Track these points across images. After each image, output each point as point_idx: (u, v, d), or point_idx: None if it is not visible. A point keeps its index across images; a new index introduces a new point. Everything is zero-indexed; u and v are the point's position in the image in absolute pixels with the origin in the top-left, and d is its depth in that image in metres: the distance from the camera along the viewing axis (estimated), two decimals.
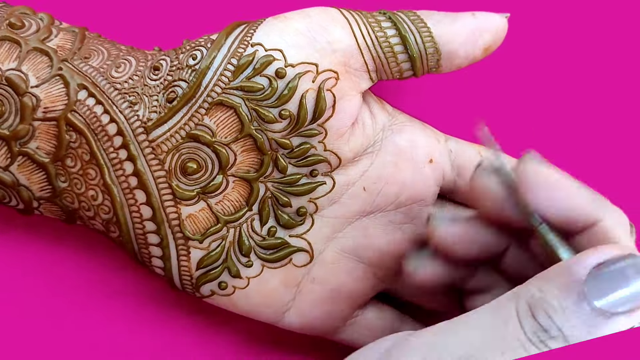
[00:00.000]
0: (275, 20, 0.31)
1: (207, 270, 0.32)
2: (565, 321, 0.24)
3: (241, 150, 0.31)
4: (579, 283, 0.24)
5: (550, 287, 0.25)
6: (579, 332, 0.24)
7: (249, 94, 0.31)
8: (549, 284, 0.25)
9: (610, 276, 0.24)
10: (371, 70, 0.32)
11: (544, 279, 0.25)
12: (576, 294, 0.24)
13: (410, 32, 0.32)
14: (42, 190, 0.32)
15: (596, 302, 0.24)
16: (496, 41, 0.33)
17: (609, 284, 0.24)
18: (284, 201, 0.32)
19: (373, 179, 0.33)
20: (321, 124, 0.31)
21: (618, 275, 0.24)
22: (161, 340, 0.36)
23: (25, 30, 0.31)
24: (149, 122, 0.31)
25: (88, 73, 0.31)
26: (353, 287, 0.34)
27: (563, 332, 0.24)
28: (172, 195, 0.31)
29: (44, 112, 0.31)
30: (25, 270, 0.35)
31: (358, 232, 0.34)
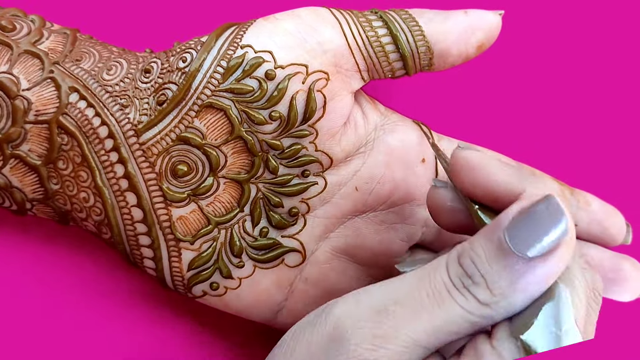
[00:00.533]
0: (265, 21, 0.31)
1: (199, 271, 0.32)
2: (487, 267, 0.25)
3: (232, 152, 0.31)
4: (499, 230, 0.25)
5: (477, 238, 0.25)
6: (501, 278, 0.24)
7: (238, 96, 0.31)
8: (477, 236, 0.26)
9: (527, 222, 0.25)
10: (362, 70, 0.32)
11: (477, 234, 0.26)
12: (497, 240, 0.25)
13: (401, 31, 0.32)
14: (34, 192, 0.32)
15: (515, 247, 0.24)
16: (489, 39, 0.33)
17: (526, 230, 0.25)
18: (276, 202, 0.32)
19: (365, 178, 0.33)
20: (312, 125, 0.31)
21: (534, 220, 0.25)
22: (154, 339, 0.36)
23: (16, 33, 0.32)
24: (139, 124, 0.31)
25: (79, 76, 0.31)
26: (346, 286, 0.34)
27: (485, 278, 0.25)
28: (162, 198, 0.31)
29: (36, 115, 0.31)
30: (18, 270, 0.36)
31: (350, 232, 0.34)
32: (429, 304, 0.25)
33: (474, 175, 0.28)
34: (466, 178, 0.28)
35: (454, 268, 0.25)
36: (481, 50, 0.33)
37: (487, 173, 0.27)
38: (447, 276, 0.25)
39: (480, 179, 0.28)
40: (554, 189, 0.34)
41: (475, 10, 0.32)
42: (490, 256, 0.25)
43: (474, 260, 0.25)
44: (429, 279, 0.25)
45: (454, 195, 0.29)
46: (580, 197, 0.35)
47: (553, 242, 0.25)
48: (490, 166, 0.28)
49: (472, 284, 0.25)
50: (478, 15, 0.32)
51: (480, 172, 0.28)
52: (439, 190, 0.30)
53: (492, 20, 0.32)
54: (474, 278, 0.25)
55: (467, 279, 0.25)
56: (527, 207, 0.25)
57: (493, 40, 0.33)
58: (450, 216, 0.30)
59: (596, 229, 0.34)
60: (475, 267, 0.25)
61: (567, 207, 0.25)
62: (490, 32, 0.32)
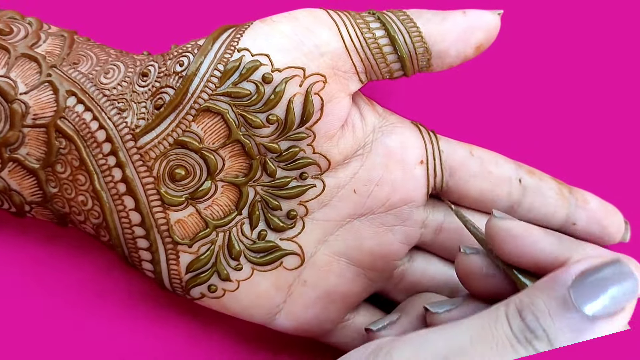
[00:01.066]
0: (262, 23, 0.31)
1: (197, 273, 0.32)
2: (550, 323, 0.25)
3: (229, 155, 0.31)
4: (564, 288, 0.25)
5: (538, 292, 0.26)
6: (563, 334, 0.25)
7: (236, 100, 0.30)
8: (537, 290, 0.26)
9: (594, 282, 0.25)
10: (360, 72, 0.32)
11: (533, 288, 0.26)
12: (561, 297, 0.25)
13: (399, 33, 0.31)
14: (33, 195, 0.32)
15: (580, 306, 0.25)
16: (488, 39, 0.32)
17: (592, 289, 0.25)
18: (274, 204, 0.32)
19: (363, 181, 0.33)
20: (309, 127, 0.31)
21: (601, 281, 0.25)
22: (154, 339, 0.36)
23: (13, 37, 0.31)
24: (137, 128, 0.31)
25: (77, 79, 0.31)
26: (345, 289, 0.34)
27: (547, 333, 0.25)
28: (160, 201, 0.31)
29: (34, 118, 0.31)
30: (17, 271, 0.36)
31: (349, 235, 0.34)
32: (491, 356, 0.25)
33: (517, 244, 0.28)
34: (509, 247, 0.28)
35: (516, 322, 0.25)
36: (480, 51, 0.33)
37: (532, 242, 0.28)
38: (510, 330, 0.25)
39: (524, 248, 0.28)
40: (553, 188, 0.34)
41: (474, 11, 0.32)
42: (553, 312, 0.25)
43: (536, 315, 0.25)
44: (491, 331, 0.25)
45: (487, 261, 0.30)
46: (579, 195, 0.35)
47: (620, 303, 0.25)
48: (535, 235, 0.28)
49: (534, 338, 0.25)
50: (477, 16, 0.32)
51: (524, 241, 0.28)
52: (471, 257, 0.30)
53: (490, 20, 0.32)
54: (537, 332, 0.25)
55: (529, 333, 0.25)
56: (594, 267, 0.25)
57: (492, 41, 0.33)
58: (484, 283, 0.30)
59: (595, 227, 0.34)
60: (537, 322, 0.25)
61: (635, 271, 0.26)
62: (489, 32, 0.32)
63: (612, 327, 0.25)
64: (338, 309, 0.34)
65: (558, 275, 0.26)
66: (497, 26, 0.32)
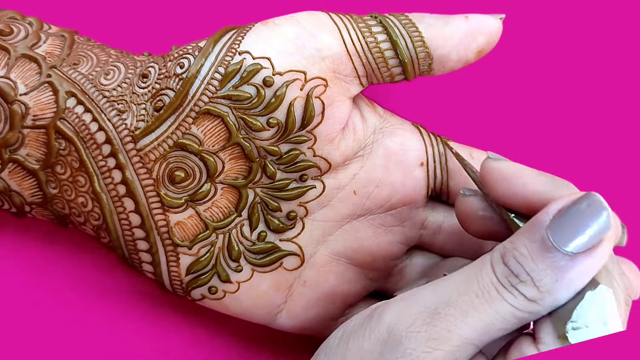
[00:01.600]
0: (264, 26, 0.31)
1: (197, 275, 0.32)
2: (532, 265, 0.25)
3: (229, 157, 0.31)
4: (542, 229, 0.26)
5: (520, 237, 0.26)
6: (547, 275, 0.25)
7: (236, 103, 0.30)
8: (519, 235, 0.26)
9: (569, 219, 0.26)
10: (361, 76, 0.32)
11: (516, 233, 0.27)
12: (540, 238, 0.26)
13: (401, 37, 0.31)
14: (33, 196, 0.32)
15: (559, 244, 0.25)
16: (490, 44, 0.32)
17: (568, 227, 0.25)
18: (274, 206, 0.33)
19: (363, 182, 0.33)
20: (310, 131, 0.31)
21: (576, 217, 0.26)
22: (154, 339, 0.36)
23: (13, 37, 0.31)
24: (136, 130, 0.31)
25: (77, 80, 0.31)
26: (344, 289, 0.34)
27: (531, 276, 0.25)
28: (160, 203, 0.31)
29: (33, 119, 0.31)
30: (18, 270, 0.36)
31: (349, 235, 0.34)
32: (479, 303, 0.26)
33: (509, 185, 0.28)
34: (501, 188, 0.29)
35: (499, 268, 0.26)
36: (481, 55, 0.32)
37: (524, 182, 0.28)
38: (494, 276, 0.26)
39: (516, 189, 0.28)
40: None
41: (476, 15, 0.32)
42: (534, 254, 0.25)
43: (518, 260, 0.26)
44: (476, 279, 0.26)
45: (484, 203, 0.30)
46: None
47: (596, 237, 0.25)
48: (526, 176, 0.28)
49: (519, 282, 0.25)
50: (478, 20, 0.32)
51: (516, 181, 0.28)
52: (469, 199, 0.30)
53: (492, 24, 0.32)
54: (521, 276, 0.25)
55: (513, 278, 0.26)
56: (568, 205, 0.26)
57: (493, 45, 0.33)
58: (481, 224, 0.30)
59: None
60: (520, 266, 0.26)
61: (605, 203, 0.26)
62: (490, 36, 0.32)
63: (594, 262, 0.25)
64: (338, 308, 0.34)
65: (537, 217, 0.26)
66: (498, 31, 0.32)
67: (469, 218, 0.31)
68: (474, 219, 0.30)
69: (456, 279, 0.26)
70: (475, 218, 0.30)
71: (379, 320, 0.27)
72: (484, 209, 0.30)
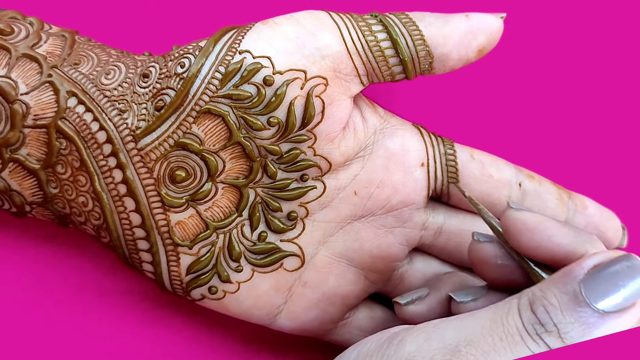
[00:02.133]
0: (264, 25, 0.31)
1: (197, 275, 0.32)
2: (561, 317, 0.25)
3: (230, 157, 0.31)
4: (575, 282, 0.25)
5: (550, 286, 0.26)
6: (574, 329, 0.25)
7: (237, 102, 0.30)
8: (550, 284, 0.26)
9: (605, 277, 0.25)
10: (362, 75, 0.32)
11: (546, 281, 0.26)
12: (573, 292, 0.25)
13: (401, 36, 0.31)
14: (33, 196, 0.32)
15: (591, 300, 0.25)
16: (491, 42, 0.32)
17: (604, 284, 0.25)
18: (275, 206, 0.32)
19: (364, 182, 0.33)
20: (310, 130, 0.31)
21: (612, 276, 0.25)
22: (154, 339, 0.36)
23: (14, 37, 0.31)
24: (137, 130, 0.31)
25: (78, 80, 0.31)
26: (345, 290, 0.34)
27: (558, 328, 0.25)
28: (161, 203, 0.31)
29: (34, 119, 0.31)
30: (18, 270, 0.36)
31: (349, 236, 0.34)
32: (502, 347, 0.25)
33: (533, 237, 0.28)
34: (524, 239, 0.28)
35: (526, 315, 0.25)
36: (482, 54, 0.32)
37: (549, 235, 0.28)
38: (521, 322, 0.25)
39: (540, 240, 0.28)
40: (552, 193, 0.34)
41: (477, 14, 0.32)
42: (564, 307, 0.25)
43: (547, 309, 0.25)
44: (502, 322, 0.25)
45: (501, 251, 0.30)
46: (578, 200, 0.35)
47: (631, 299, 0.25)
48: (551, 228, 0.28)
49: (544, 332, 0.25)
50: (479, 19, 0.32)
51: (541, 233, 0.28)
52: (485, 246, 0.30)
53: (493, 23, 0.32)
54: (547, 326, 0.25)
55: (540, 327, 0.25)
56: (606, 263, 0.25)
57: (494, 44, 0.33)
58: (499, 272, 0.30)
59: (593, 232, 0.35)
60: (549, 316, 0.25)
61: None
62: (491, 35, 0.32)
63: (623, 323, 0.25)
64: (338, 309, 0.34)
65: (570, 269, 0.26)
66: (499, 30, 0.32)
67: (487, 266, 0.30)
68: (492, 266, 0.30)
69: (480, 318, 0.26)
70: (493, 266, 0.30)
71: (399, 349, 0.26)
72: (502, 257, 0.30)
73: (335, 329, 0.35)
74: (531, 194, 0.34)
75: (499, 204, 0.34)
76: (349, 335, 0.35)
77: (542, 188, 0.34)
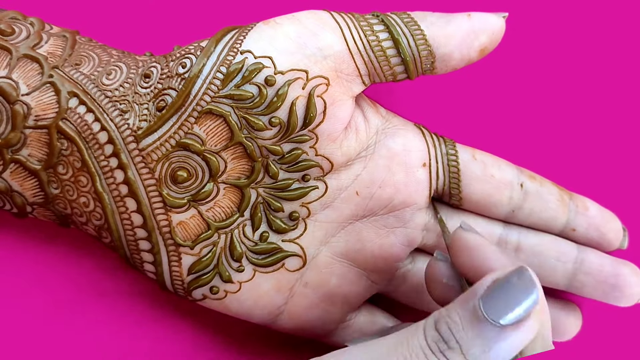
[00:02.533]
0: (265, 25, 0.31)
1: (199, 275, 0.32)
2: (462, 333, 0.26)
3: (231, 157, 0.31)
4: (475, 299, 0.26)
5: (454, 305, 0.26)
6: (475, 345, 0.25)
7: (238, 102, 0.30)
8: (455, 303, 0.27)
9: (502, 291, 0.26)
10: (363, 75, 0.32)
11: (452, 302, 0.27)
12: (472, 308, 0.26)
13: (403, 35, 0.31)
14: (35, 196, 0.32)
15: (489, 315, 0.25)
16: (493, 42, 0.32)
17: (501, 299, 0.26)
18: (276, 206, 0.32)
19: (366, 183, 0.33)
20: (312, 130, 0.31)
21: (508, 290, 0.26)
22: (154, 339, 0.36)
23: (15, 37, 0.31)
24: (139, 130, 0.31)
25: (79, 80, 0.31)
26: (346, 290, 0.34)
27: (460, 344, 0.26)
28: (162, 203, 0.31)
29: (35, 120, 0.31)
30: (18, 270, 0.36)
31: (351, 237, 0.34)
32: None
33: (470, 257, 0.29)
34: (462, 257, 0.29)
35: (430, 333, 0.26)
36: (484, 54, 0.32)
37: (484, 257, 0.28)
38: (425, 340, 0.26)
39: (476, 262, 0.29)
40: (554, 194, 0.34)
41: (479, 13, 0.32)
42: (465, 323, 0.26)
43: (450, 326, 0.26)
44: (407, 342, 0.26)
45: (451, 272, 0.30)
46: (579, 201, 0.35)
47: (524, 312, 0.26)
48: (487, 251, 0.29)
49: (447, 349, 0.26)
50: (481, 19, 0.32)
51: (477, 254, 0.29)
52: (438, 264, 0.31)
53: (495, 23, 0.32)
54: (450, 343, 0.26)
55: (443, 344, 0.26)
56: (502, 278, 0.26)
57: (496, 44, 0.32)
58: (443, 291, 0.30)
59: (594, 233, 0.35)
60: (451, 332, 0.26)
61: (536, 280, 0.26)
62: (493, 35, 0.32)
63: (522, 336, 0.26)
64: (340, 310, 0.34)
65: (473, 287, 0.26)
66: (501, 29, 0.32)
67: (433, 283, 0.31)
68: (438, 285, 0.30)
69: (389, 340, 0.27)
70: (439, 284, 0.30)
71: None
72: (449, 278, 0.30)
73: (336, 331, 0.35)
74: (532, 194, 0.34)
75: (500, 205, 0.34)
76: (350, 338, 0.35)
77: (543, 189, 0.34)
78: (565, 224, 0.34)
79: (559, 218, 0.34)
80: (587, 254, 0.34)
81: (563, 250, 0.34)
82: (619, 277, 0.34)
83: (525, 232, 0.35)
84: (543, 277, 0.34)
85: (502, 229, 0.34)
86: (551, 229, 0.34)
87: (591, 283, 0.34)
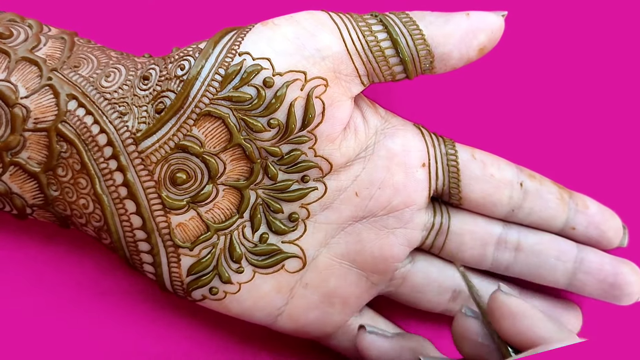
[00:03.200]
0: (264, 27, 0.31)
1: (198, 276, 0.32)
2: None
3: (230, 159, 0.31)
4: None
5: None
6: None
7: (237, 104, 0.30)
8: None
9: None
10: (362, 75, 0.32)
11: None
12: None
13: (401, 35, 0.31)
14: (34, 199, 0.32)
15: None
16: (492, 41, 0.32)
17: None
18: (276, 207, 0.32)
19: (365, 183, 0.33)
20: (311, 131, 0.31)
21: None
22: (154, 339, 0.36)
23: (13, 40, 0.31)
24: (138, 133, 0.31)
25: (78, 83, 0.31)
26: (346, 292, 0.34)
27: None
28: (161, 205, 0.31)
29: (35, 122, 0.31)
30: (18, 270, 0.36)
31: (350, 237, 0.34)
32: None
33: (515, 323, 0.27)
34: (506, 324, 0.28)
35: None
36: (483, 53, 0.32)
37: (531, 325, 0.27)
38: None
39: (522, 329, 0.27)
40: (553, 192, 0.34)
41: (477, 12, 0.32)
42: None
43: None
44: None
45: (483, 330, 0.29)
46: (579, 200, 0.35)
47: None
48: (534, 318, 0.27)
49: None
50: (480, 18, 0.32)
51: (523, 321, 0.27)
52: (469, 321, 0.29)
53: (494, 22, 0.32)
54: None
55: None
56: None
57: (495, 43, 0.32)
58: (476, 350, 0.29)
59: (593, 232, 0.35)
60: None
61: None
62: (492, 34, 0.32)
63: None
64: (339, 311, 0.34)
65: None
66: (500, 28, 0.32)
67: (466, 341, 0.29)
68: (469, 342, 0.29)
69: None
70: (471, 342, 0.29)
71: None
72: (483, 336, 0.29)
73: (336, 334, 0.35)
74: (532, 193, 0.34)
75: (500, 204, 0.34)
76: (349, 343, 0.35)
77: (543, 188, 0.34)
78: (565, 223, 0.34)
79: (559, 217, 0.34)
80: (587, 253, 0.34)
81: (563, 249, 0.34)
82: (618, 276, 0.34)
83: (525, 231, 0.34)
84: (543, 276, 0.34)
85: (502, 228, 0.34)
86: (551, 227, 0.34)
87: (591, 282, 0.34)
